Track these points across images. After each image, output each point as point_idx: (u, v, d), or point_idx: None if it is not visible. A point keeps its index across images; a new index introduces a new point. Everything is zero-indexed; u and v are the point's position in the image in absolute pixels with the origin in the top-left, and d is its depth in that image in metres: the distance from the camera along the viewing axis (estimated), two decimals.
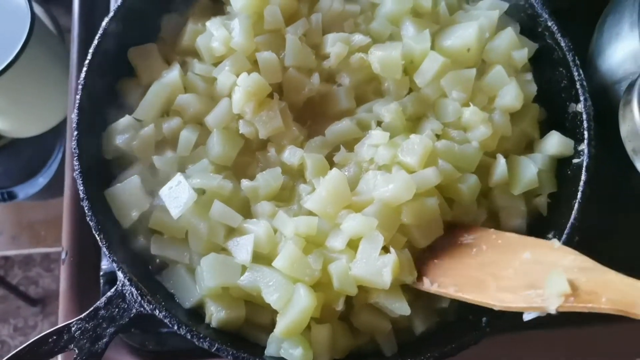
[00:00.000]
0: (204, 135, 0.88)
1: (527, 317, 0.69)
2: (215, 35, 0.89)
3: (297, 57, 0.89)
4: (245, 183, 0.84)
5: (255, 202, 0.85)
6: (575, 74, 0.85)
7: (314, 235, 0.79)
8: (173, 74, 0.89)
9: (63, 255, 0.99)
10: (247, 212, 0.85)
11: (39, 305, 2.66)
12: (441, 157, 0.82)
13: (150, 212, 0.83)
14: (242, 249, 0.78)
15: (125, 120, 0.86)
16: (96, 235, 0.77)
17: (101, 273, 0.93)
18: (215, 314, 0.78)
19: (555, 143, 0.86)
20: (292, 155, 0.86)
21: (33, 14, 1.26)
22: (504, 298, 0.69)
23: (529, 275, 0.70)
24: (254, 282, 0.77)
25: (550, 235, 0.82)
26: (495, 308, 0.70)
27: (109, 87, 0.91)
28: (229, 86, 0.87)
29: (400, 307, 0.77)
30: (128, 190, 0.82)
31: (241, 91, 0.84)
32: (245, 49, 0.88)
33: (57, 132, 1.63)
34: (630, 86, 0.77)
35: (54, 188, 1.74)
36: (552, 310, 0.64)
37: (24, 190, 1.77)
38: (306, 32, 0.92)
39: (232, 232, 0.81)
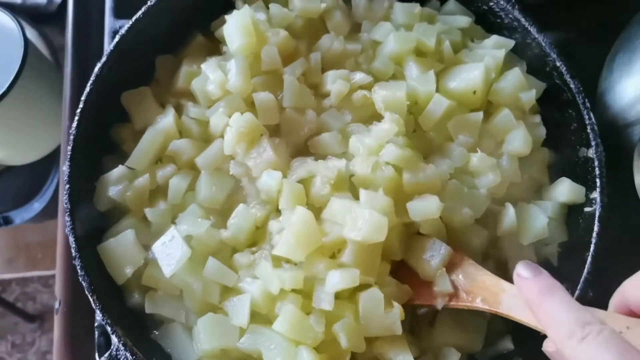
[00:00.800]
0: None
1: (420, 311, 0.81)
2: (211, 78, 0.86)
3: (296, 98, 0.86)
4: (225, 233, 0.80)
5: (235, 252, 0.81)
6: (586, 117, 0.82)
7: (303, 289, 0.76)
8: (167, 120, 0.85)
9: (57, 305, 0.96)
10: None
11: (37, 321, 2.64)
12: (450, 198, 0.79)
13: (145, 267, 0.79)
14: (238, 310, 0.75)
15: (118, 171, 0.83)
16: (89, 297, 0.74)
17: (96, 324, 0.90)
18: None
19: (565, 190, 0.83)
20: (270, 178, 0.79)
21: (26, 42, 1.23)
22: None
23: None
24: (254, 345, 0.74)
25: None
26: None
27: (102, 134, 0.88)
28: (222, 127, 0.83)
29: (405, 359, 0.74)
30: (122, 245, 0.78)
31: (233, 132, 0.80)
32: (242, 91, 0.85)
33: (52, 157, 1.61)
34: None
35: (50, 211, 1.71)
36: (439, 307, 0.76)
37: (20, 215, 1.75)
38: (305, 72, 0.89)
39: (228, 290, 0.78)
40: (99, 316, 0.74)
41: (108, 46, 0.99)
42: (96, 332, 0.89)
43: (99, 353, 0.86)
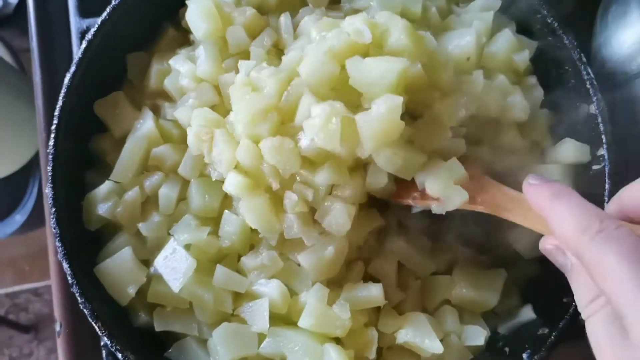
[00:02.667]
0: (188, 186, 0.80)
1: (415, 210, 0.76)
2: (182, 72, 0.81)
3: None
4: (221, 243, 0.76)
5: (240, 257, 0.77)
6: (584, 72, 0.79)
7: None
8: (147, 125, 0.80)
9: (58, 328, 0.91)
10: None
11: (32, 331, 2.59)
12: None
13: (148, 284, 0.75)
14: (257, 315, 0.72)
15: (105, 187, 0.78)
16: (93, 324, 0.70)
17: (102, 343, 0.86)
18: None
19: (570, 151, 0.80)
20: (230, 184, 0.71)
21: None
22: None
23: None
24: (276, 349, 0.71)
25: None
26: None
27: (82, 148, 0.82)
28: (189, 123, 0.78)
29: (432, 345, 0.73)
30: (120, 264, 0.74)
31: (192, 131, 0.75)
32: (213, 77, 0.80)
33: (29, 167, 1.55)
34: None
35: (33, 222, 1.66)
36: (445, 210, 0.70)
37: (2, 230, 1.70)
38: (275, 42, 0.83)
39: (240, 296, 0.75)
40: (106, 341, 0.70)
41: (76, 48, 0.93)
42: (103, 352, 0.86)
43: None
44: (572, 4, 0.91)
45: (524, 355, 0.73)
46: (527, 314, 0.78)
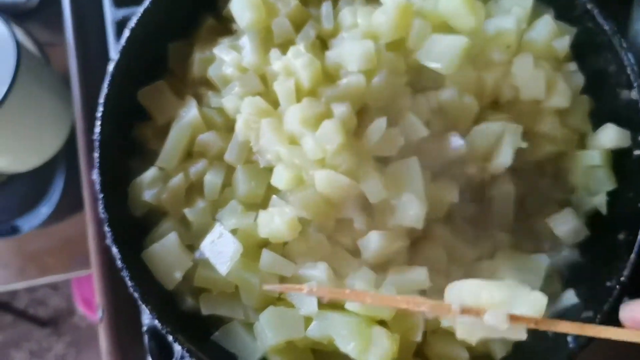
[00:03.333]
0: (233, 173, 0.81)
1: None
2: (226, 60, 0.82)
3: None
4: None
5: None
6: (624, 58, 0.79)
7: None
8: (192, 113, 0.81)
9: (100, 314, 0.93)
10: None
11: (50, 325, 2.61)
12: None
13: (194, 269, 0.76)
14: (305, 299, 0.72)
15: (150, 173, 0.79)
16: (144, 307, 0.71)
17: (144, 328, 0.87)
18: None
19: (611, 136, 0.80)
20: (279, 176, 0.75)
21: (18, 46, 1.17)
22: None
23: None
24: (324, 332, 0.72)
25: (621, 236, 0.77)
26: None
27: (125, 135, 0.84)
28: (236, 111, 0.80)
29: None
30: (166, 249, 0.75)
31: (242, 119, 0.77)
32: (258, 67, 0.81)
33: (55, 160, 1.56)
34: None
35: (56, 215, 1.67)
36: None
37: (28, 223, 1.70)
38: (319, 33, 0.84)
39: (286, 279, 0.75)
40: (149, 322, 0.71)
41: (112, 38, 0.94)
42: (145, 337, 0.87)
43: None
44: None
45: (568, 339, 0.73)
46: (570, 298, 0.79)
